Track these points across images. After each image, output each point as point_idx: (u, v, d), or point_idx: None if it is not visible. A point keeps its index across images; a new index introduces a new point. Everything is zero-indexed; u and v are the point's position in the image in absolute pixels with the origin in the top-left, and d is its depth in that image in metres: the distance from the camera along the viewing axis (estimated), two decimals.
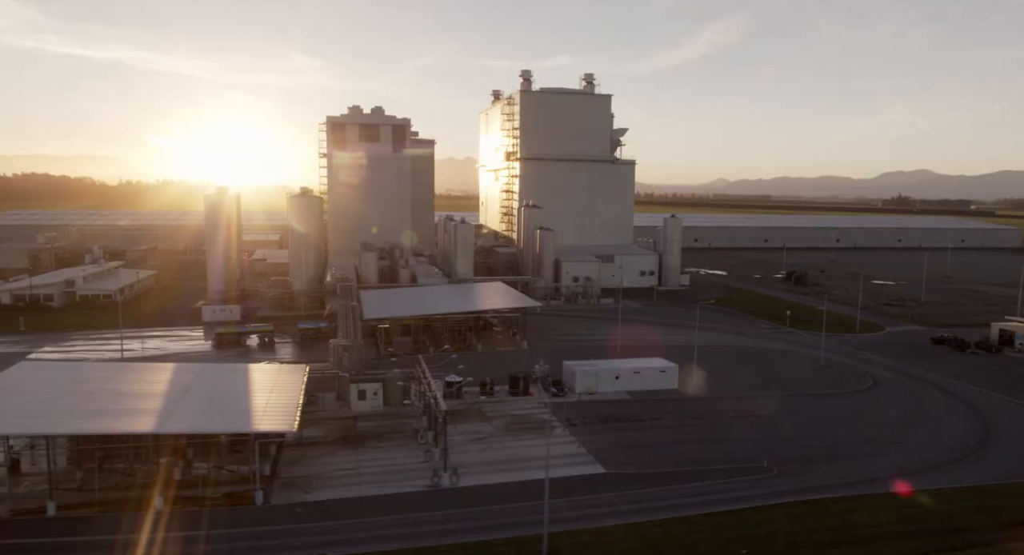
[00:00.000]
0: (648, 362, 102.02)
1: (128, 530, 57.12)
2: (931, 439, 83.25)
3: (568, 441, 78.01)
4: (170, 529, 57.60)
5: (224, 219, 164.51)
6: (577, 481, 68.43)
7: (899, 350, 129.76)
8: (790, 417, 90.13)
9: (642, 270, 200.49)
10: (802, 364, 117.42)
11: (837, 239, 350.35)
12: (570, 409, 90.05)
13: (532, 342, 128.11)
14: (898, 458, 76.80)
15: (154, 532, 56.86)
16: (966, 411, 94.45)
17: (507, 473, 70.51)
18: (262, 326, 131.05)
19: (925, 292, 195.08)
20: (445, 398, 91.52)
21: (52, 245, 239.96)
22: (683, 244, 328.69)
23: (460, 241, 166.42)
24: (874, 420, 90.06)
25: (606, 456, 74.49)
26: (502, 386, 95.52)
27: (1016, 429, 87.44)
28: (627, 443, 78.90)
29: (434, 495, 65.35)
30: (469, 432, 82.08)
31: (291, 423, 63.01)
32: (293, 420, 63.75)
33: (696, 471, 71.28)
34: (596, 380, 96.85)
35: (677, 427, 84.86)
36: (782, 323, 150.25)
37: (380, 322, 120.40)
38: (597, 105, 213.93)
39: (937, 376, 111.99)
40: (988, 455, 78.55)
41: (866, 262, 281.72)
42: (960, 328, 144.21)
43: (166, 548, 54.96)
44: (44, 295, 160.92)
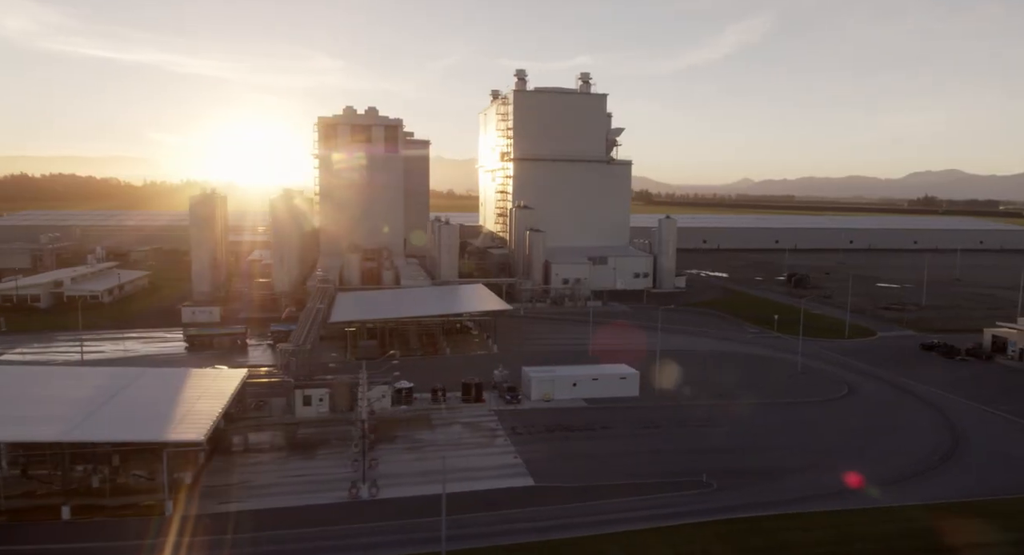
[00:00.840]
0: (609, 368, 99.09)
1: (24, 540, 55.80)
2: (893, 452, 79.43)
3: (506, 451, 75.54)
4: (66, 540, 56.15)
5: (208, 220, 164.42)
6: (502, 494, 65.97)
7: (886, 356, 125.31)
8: (750, 427, 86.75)
9: (636, 272, 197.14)
10: (778, 370, 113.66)
11: (851, 241, 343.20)
12: (520, 417, 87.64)
13: (507, 346, 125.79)
14: (853, 473, 73.13)
15: (48, 543, 55.44)
16: (939, 422, 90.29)
17: (435, 485, 67.87)
18: (234, 328, 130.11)
19: (930, 296, 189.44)
20: (395, 405, 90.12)
21: (54, 246, 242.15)
22: (691, 245, 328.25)
23: (444, 242, 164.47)
24: (838, 431, 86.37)
25: (541, 468, 71.86)
26: (455, 393, 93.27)
27: (986, 443, 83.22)
28: (569, 454, 76.18)
29: (350, 507, 63.26)
30: (409, 440, 79.98)
31: (201, 432, 61.27)
32: (204, 429, 62.00)
33: (631, 485, 68.40)
34: (552, 387, 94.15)
35: (627, 437, 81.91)
36: (771, 327, 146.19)
37: (347, 325, 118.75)
38: (592, 105, 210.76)
39: (918, 384, 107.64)
40: (949, 471, 74.57)
41: (877, 264, 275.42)
42: (956, 334, 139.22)
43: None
44: (31, 296, 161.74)
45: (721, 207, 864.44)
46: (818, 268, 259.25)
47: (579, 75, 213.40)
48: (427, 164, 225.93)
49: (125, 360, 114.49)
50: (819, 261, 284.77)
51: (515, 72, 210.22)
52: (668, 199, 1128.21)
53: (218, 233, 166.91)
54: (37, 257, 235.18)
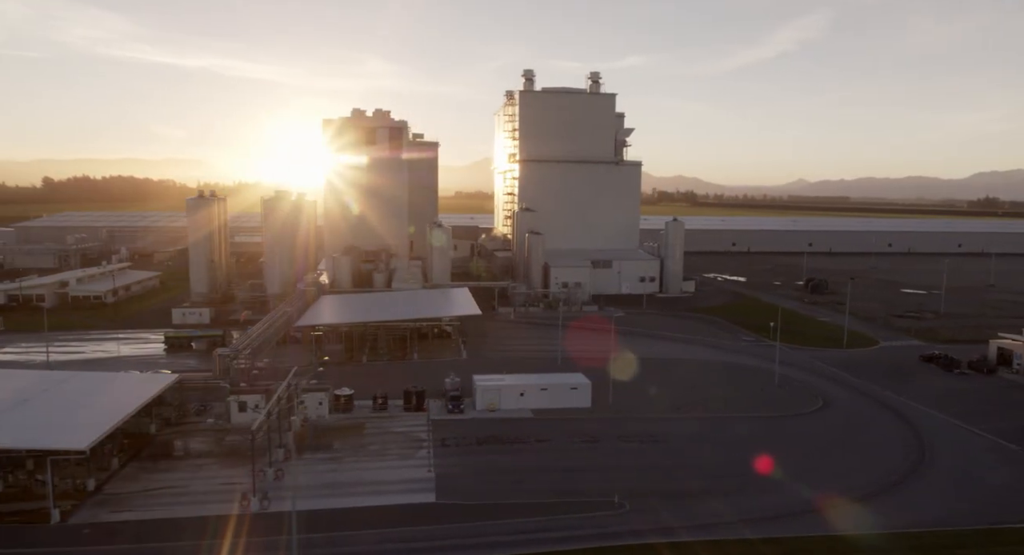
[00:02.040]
0: (560, 378, 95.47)
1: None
2: (844, 474, 73.92)
3: (421, 464, 72.75)
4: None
5: (205, 223, 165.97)
6: (396, 511, 63.26)
7: (880, 368, 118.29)
8: (699, 443, 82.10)
9: (642, 276, 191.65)
10: (755, 382, 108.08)
11: (889, 244, 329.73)
12: (457, 427, 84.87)
13: (481, 351, 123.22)
14: (788, 496, 68.23)
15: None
16: (907, 442, 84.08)
17: (336, 498, 65.97)
18: (212, 331, 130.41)
19: (957, 302, 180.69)
20: (333, 412, 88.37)
21: (79, 246, 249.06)
22: (721, 248, 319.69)
23: (436, 245, 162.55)
24: (793, 449, 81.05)
25: (451, 483, 68.94)
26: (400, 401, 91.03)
27: (952, 466, 76.92)
28: (489, 468, 73.05)
29: (237, 520, 61.38)
30: (332, 450, 77.91)
31: (86, 441, 60.29)
32: (92, 437, 61.02)
33: (537, 505, 64.91)
34: (498, 396, 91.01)
35: (559, 451, 78.28)
36: (767, 335, 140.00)
37: (313, 329, 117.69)
38: (600, 104, 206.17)
39: (903, 399, 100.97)
40: (896, 497, 68.86)
41: (913, 268, 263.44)
42: (967, 345, 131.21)
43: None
44: (36, 295, 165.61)
45: (769, 208, 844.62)
46: (846, 272, 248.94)
47: (588, 74, 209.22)
48: (436, 166, 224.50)
49: (96, 361, 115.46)
50: (851, 265, 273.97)
51: (523, 72, 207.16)
52: (715, 200, 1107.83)
53: (215, 235, 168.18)
54: (63, 257, 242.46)
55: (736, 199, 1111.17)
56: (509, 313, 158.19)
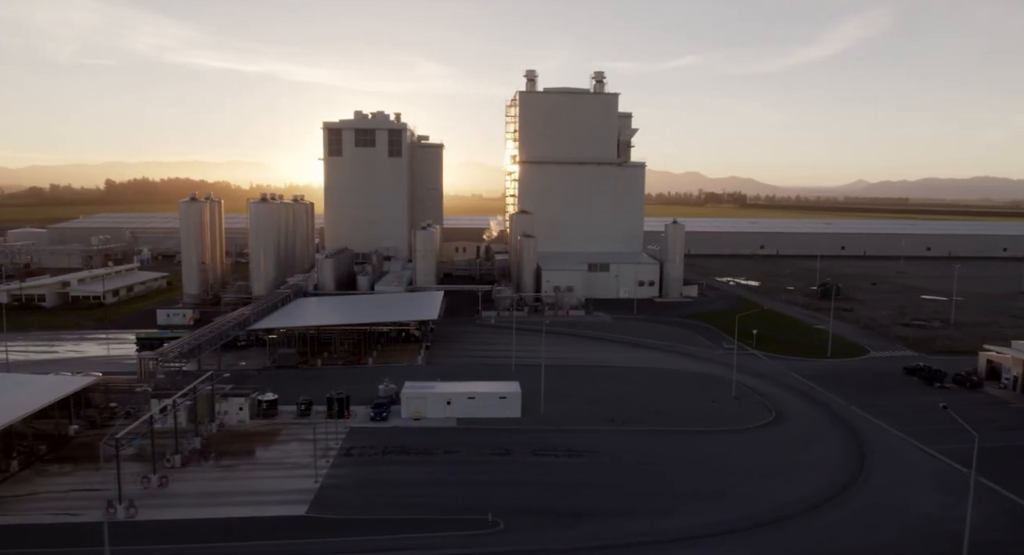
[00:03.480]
0: (489, 387, 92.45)
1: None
2: (763, 495, 69.12)
3: (307, 475, 70.86)
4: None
5: (198, 225, 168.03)
6: (263, 523, 61.48)
7: (856, 381, 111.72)
8: (618, 458, 78.11)
9: (641, 280, 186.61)
10: (712, 393, 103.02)
11: (928, 247, 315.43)
12: (371, 436, 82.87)
13: (443, 357, 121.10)
14: (681, 520, 64.00)
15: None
16: (847, 463, 78.46)
17: (210, 507, 64.62)
18: (182, 332, 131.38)
19: (977, 310, 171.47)
20: (255, 417, 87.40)
21: (102, 247, 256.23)
22: (748, 251, 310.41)
23: (419, 248, 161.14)
24: (720, 466, 76.42)
25: (332, 495, 66.94)
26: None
27: (884, 492, 71.18)
28: (379, 481, 70.71)
29: (96, 529, 60.41)
30: (231, 456, 76.78)
31: None
32: None
33: (409, 520, 62.31)
34: (424, 404, 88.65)
35: (462, 464, 75.42)
36: (751, 343, 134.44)
37: (268, 332, 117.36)
38: (603, 105, 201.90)
39: (866, 414, 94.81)
40: (800, 527, 63.81)
41: (945, 273, 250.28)
42: (963, 356, 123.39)
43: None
44: (38, 295, 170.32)
45: (821, 210, 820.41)
46: (871, 277, 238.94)
47: (593, 73, 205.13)
48: (440, 167, 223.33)
49: (60, 362, 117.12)
50: (879, 269, 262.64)
51: (525, 72, 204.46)
52: (766, 202, 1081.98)
53: (208, 237, 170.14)
54: (87, 258, 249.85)
55: (788, 200, 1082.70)
56: (493, 317, 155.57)
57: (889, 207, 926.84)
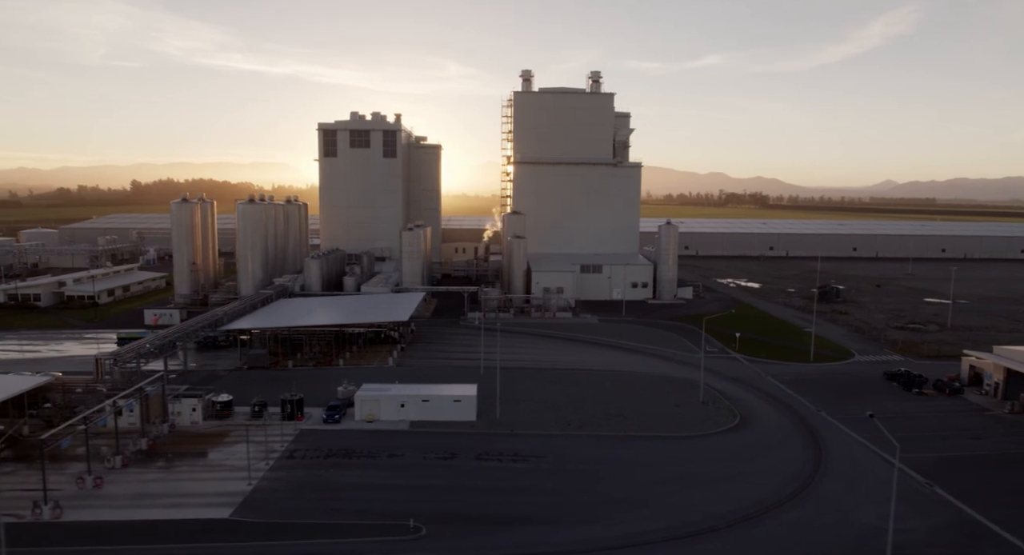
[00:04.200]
0: (444, 389, 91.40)
1: None
2: (697, 505, 67.27)
3: (241, 477, 70.40)
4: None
5: (189, 226, 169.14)
6: (185, 526, 61.11)
7: (833, 386, 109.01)
8: (563, 464, 76.66)
9: (634, 282, 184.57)
10: (679, 398, 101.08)
11: (943, 249, 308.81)
12: (319, 438, 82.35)
13: (416, 359, 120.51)
14: (613, 529, 62.50)
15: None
16: (800, 471, 76.29)
17: (138, 509, 64.45)
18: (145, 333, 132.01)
19: (976, 313, 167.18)
20: (208, 419, 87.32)
21: (108, 248, 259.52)
22: (759, 251, 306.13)
23: (406, 249, 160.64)
24: (664, 474, 74.67)
25: (262, 498, 66.43)
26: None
27: (832, 502, 69.00)
28: (314, 484, 70.05)
29: (19, 529, 60.58)
30: (174, 457, 76.68)
31: None
32: None
33: (332, 525, 61.56)
34: (378, 407, 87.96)
35: (403, 468, 74.52)
36: (734, 346, 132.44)
37: (240, 333, 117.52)
38: (598, 105, 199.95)
39: (833, 420, 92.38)
40: (731, 537, 61.97)
41: (956, 275, 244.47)
42: (950, 361, 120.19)
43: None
44: (33, 295, 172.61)
45: (844, 211, 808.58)
46: (877, 278, 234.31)
47: (589, 73, 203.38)
48: (438, 168, 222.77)
49: (35, 361, 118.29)
50: (888, 271, 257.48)
51: (520, 72, 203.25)
52: (790, 203, 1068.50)
53: (200, 238, 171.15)
54: (93, 258, 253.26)
55: (811, 201, 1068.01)
56: (477, 319, 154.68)
57: (915, 208, 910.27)
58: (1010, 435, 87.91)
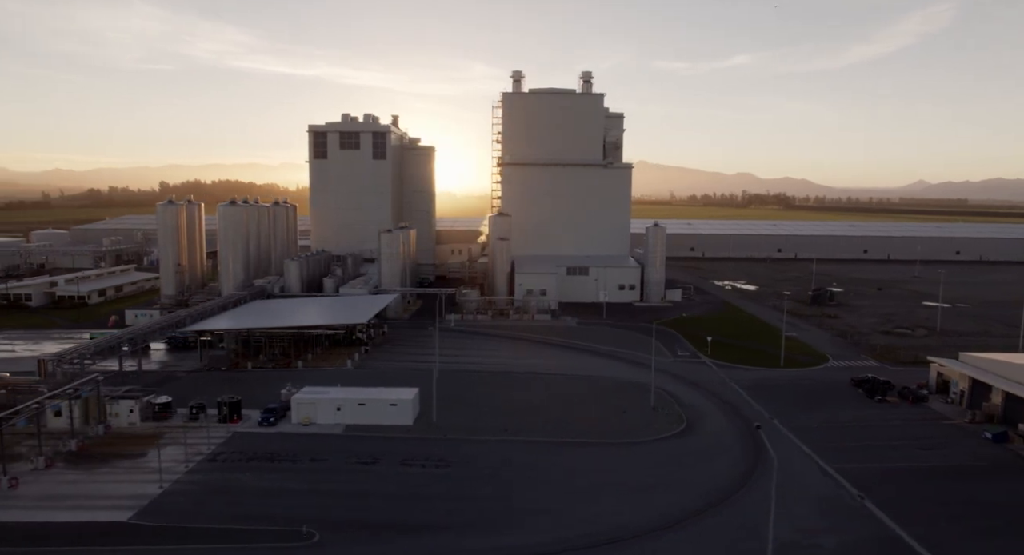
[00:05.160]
0: (381, 393, 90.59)
1: None
2: (608, 515, 65.61)
3: (158, 480, 70.24)
4: None
5: (175, 227, 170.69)
6: (82, 528, 61.09)
7: (795, 392, 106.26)
8: (487, 470, 75.38)
9: (621, 284, 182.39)
10: (629, 403, 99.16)
11: (957, 251, 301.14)
12: (249, 441, 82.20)
13: (379, 361, 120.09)
14: (509, 538, 61.22)
15: None
16: (735, 481, 74.17)
17: (43, 511, 64.63)
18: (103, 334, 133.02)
19: (971, 318, 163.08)
20: (146, 421, 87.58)
21: (113, 248, 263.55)
22: (766, 253, 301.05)
23: (384, 250, 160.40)
24: (587, 482, 72.98)
25: (169, 501, 66.27)
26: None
27: (745, 515, 66.89)
28: (224, 488, 69.66)
29: None
30: (100, 459, 76.91)
31: None
32: None
33: (226, 530, 61.07)
34: (315, 410, 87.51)
35: (319, 473, 73.82)
36: (716, 351, 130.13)
37: (201, 334, 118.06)
38: (588, 105, 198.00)
39: (784, 428, 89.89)
40: (632, 549, 60.20)
41: (967, 279, 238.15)
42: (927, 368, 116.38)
43: None
44: (25, 295, 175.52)
45: (871, 212, 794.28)
46: (880, 281, 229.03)
47: (580, 74, 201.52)
48: (430, 169, 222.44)
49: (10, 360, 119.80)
50: (894, 273, 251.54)
51: (511, 73, 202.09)
52: (816, 203, 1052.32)
53: (185, 239, 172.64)
54: (99, 258, 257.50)
55: (837, 202, 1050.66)
56: (453, 320, 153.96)
57: (944, 209, 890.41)
58: (963, 446, 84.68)
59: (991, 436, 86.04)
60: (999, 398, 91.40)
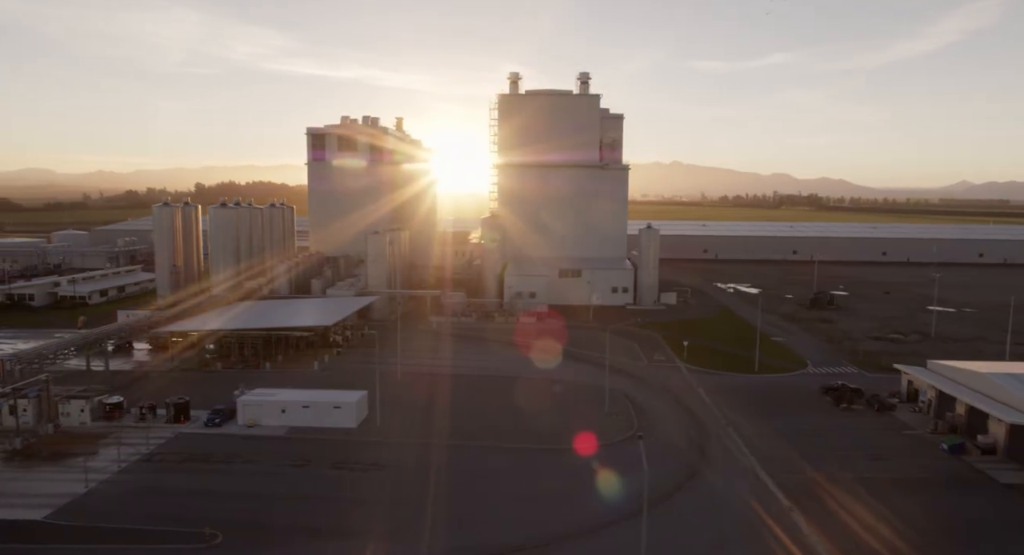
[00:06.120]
0: (325, 396, 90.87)
1: None
2: (522, 524, 64.76)
3: (84, 480, 71.27)
4: None
5: (171, 230, 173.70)
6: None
7: (762, 399, 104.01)
8: (412, 475, 75.00)
9: (614, 287, 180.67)
10: (584, 409, 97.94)
11: (980, 254, 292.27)
12: (190, 442, 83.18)
13: (347, 364, 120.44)
14: (405, 545, 60.85)
15: None
16: (662, 490, 72.64)
17: None
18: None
19: (973, 323, 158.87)
20: (97, 420, 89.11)
21: (127, 249, 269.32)
22: (781, 255, 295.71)
23: (370, 252, 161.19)
24: (516, 488, 72.24)
25: (91, 501, 67.29)
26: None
27: (665, 526, 65.47)
28: (149, 489, 70.40)
29: None
30: (46, 457, 78.49)
31: None
32: None
33: (138, 531, 61.70)
34: (260, 412, 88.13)
35: (247, 475, 74.20)
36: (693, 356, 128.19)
37: (172, 335, 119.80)
38: (584, 106, 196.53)
39: (735, 435, 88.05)
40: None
41: (980, 282, 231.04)
42: None
43: None
44: (28, 295, 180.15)
45: (907, 213, 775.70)
46: (889, 285, 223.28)
47: (578, 74, 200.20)
48: (432, 172, 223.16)
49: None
50: (911, 276, 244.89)
51: (508, 74, 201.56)
52: (851, 204, 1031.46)
53: (181, 241, 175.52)
54: (113, 259, 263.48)
55: (874, 203, 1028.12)
56: (435, 322, 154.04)
57: (984, 210, 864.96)
58: (916, 458, 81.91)
59: (947, 447, 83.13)
60: (963, 408, 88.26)
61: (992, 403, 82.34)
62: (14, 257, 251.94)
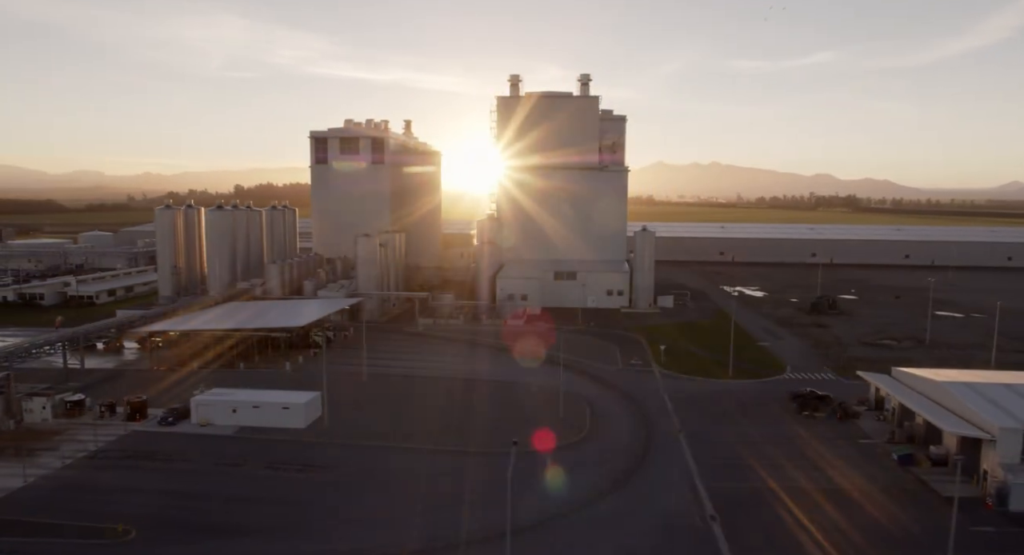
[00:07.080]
0: (276, 396, 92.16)
1: None
2: (436, 528, 65.17)
3: (15, 474, 73.54)
4: None
5: (172, 231, 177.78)
6: None
7: (725, 405, 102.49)
8: (351, 475, 75.71)
9: (609, 289, 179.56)
10: (540, 413, 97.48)
11: (1009, 257, 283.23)
12: (139, 440, 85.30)
13: (319, 365, 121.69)
14: (311, 545, 61.53)
15: None
16: (591, 496, 72.28)
17: None
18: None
19: (974, 329, 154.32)
20: (59, 417, 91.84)
21: (146, 250, 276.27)
22: (799, 258, 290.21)
23: (360, 254, 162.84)
24: (444, 491, 72.55)
25: (21, 496, 69.49)
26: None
27: (578, 534, 65.09)
28: (83, 485, 72.33)
29: None
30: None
31: None
32: None
33: (57, 525, 63.51)
34: (212, 412, 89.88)
35: (180, 474, 75.76)
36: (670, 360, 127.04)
37: (152, 335, 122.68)
38: (584, 108, 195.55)
39: (684, 443, 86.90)
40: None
41: (998, 286, 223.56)
42: None
43: None
44: (38, 294, 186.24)
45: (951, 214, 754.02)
46: (904, 289, 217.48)
47: (579, 76, 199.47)
48: (436, 175, 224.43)
49: None
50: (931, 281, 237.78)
51: (509, 77, 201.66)
52: (892, 206, 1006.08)
53: (183, 242, 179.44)
54: (132, 259, 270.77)
55: (917, 204, 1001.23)
56: (422, 324, 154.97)
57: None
58: (864, 467, 79.77)
59: (897, 458, 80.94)
60: (921, 417, 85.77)
61: (944, 414, 79.87)
62: (39, 258, 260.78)
